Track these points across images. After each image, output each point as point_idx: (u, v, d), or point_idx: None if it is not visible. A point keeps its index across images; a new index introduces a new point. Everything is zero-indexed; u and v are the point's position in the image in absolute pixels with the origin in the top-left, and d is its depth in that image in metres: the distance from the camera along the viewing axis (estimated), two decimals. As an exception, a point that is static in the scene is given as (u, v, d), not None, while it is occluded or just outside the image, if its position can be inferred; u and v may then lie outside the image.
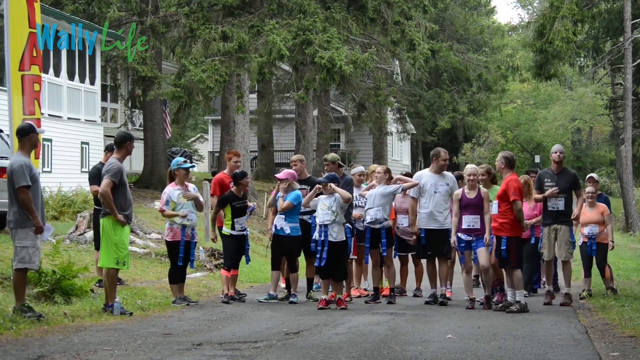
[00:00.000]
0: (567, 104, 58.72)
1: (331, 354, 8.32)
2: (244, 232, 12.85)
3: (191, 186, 12.49)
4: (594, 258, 14.27)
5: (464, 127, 51.86)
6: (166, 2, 29.15)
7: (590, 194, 14.21)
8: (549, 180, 12.93)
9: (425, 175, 13.15)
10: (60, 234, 17.27)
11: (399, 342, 9.11)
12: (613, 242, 14.52)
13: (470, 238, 12.41)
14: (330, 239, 12.10)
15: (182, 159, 12.61)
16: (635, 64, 35.61)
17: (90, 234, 17.06)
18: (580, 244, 14.35)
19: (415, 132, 50.44)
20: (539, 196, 13.00)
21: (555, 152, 12.98)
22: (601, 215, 14.18)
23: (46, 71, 24.47)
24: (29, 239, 9.98)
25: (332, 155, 13.50)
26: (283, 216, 12.81)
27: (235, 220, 12.73)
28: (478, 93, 47.27)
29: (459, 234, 12.43)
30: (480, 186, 12.60)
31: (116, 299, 10.89)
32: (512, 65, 47.20)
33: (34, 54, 11.87)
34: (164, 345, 8.67)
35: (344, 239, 12.28)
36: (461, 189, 12.64)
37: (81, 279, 12.05)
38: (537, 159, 63.39)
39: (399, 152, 54.10)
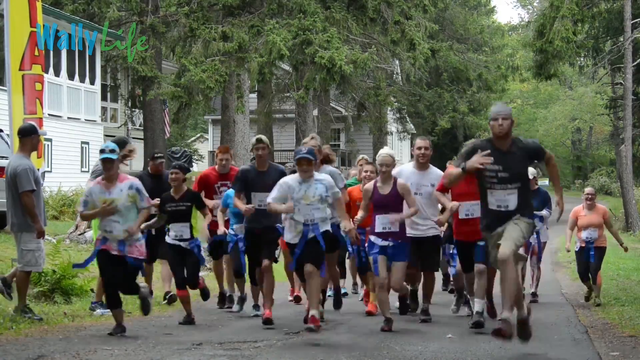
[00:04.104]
0: (567, 103, 58.79)
1: (331, 353, 8.32)
2: (183, 244, 10.25)
3: (126, 182, 9.36)
4: (589, 263, 13.16)
5: (464, 127, 51.85)
6: (166, 2, 29.18)
7: (589, 196, 13.25)
8: (491, 162, 8.18)
9: (405, 172, 10.63)
10: (60, 233, 17.28)
11: (399, 341, 9.10)
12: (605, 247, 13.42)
13: (385, 243, 9.88)
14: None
15: (112, 145, 9.40)
16: (635, 63, 35.60)
17: (90, 233, 17.10)
18: (576, 249, 13.34)
19: (415, 131, 50.44)
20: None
21: (496, 120, 8.21)
22: (601, 218, 13.14)
23: (46, 71, 24.47)
24: (34, 242, 9.98)
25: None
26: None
27: (170, 225, 10.40)
28: (478, 93, 47.26)
29: (372, 237, 9.97)
30: (400, 179, 10.10)
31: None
32: (512, 65, 47.20)
33: (36, 53, 11.87)
34: (164, 345, 8.67)
35: None
36: (372, 182, 10.14)
37: (81, 279, 12.05)
38: (537, 158, 63.36)
39: (399, 151, 54.12)
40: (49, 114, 25.02)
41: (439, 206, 10.60)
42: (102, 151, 9.23)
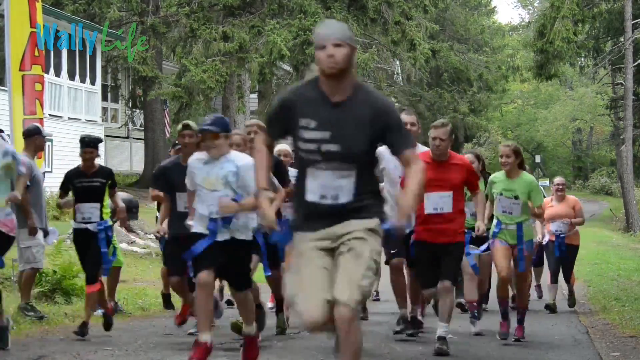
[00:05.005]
0: (567, 104, 58.82)
1: (331, 354, 8.30)
2: (90, 226, 8.89)
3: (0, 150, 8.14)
4: (562, 261, 12.10)
5: (464, 127, 51.90)
6: (167, 2, 29.22)
7: (559, 186, 12.21)
8: (313, 122, 4.68)
9: (385, 154, 7.29)
10: (61, 234, 17.22)
11: (400, 341, 9.10)
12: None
13: None
14: None
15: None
16: (635, 64, 35.61)
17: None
18: (545, 242, 12.26)
19: (415, 132, 50.47)
20: None
21: (324, 48, 4.58)
22: (572, 210, 12.16)
23: (47, 71, 24.47)
24: (30, 239, 9.99)
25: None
26: None
27: (77, 206, 9.00)
28: (479, 93, 47.31)
29: None
30: None
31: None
32: (513, 65, 47.27)
33: (36, 54, 11.88)
34: (164, 345, 8.67)
35: None
36: None
37: (82, 279, 12.01)
38: (538, 159, 63.45)
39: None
40: (49, 114, 25.01)
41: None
42: None
